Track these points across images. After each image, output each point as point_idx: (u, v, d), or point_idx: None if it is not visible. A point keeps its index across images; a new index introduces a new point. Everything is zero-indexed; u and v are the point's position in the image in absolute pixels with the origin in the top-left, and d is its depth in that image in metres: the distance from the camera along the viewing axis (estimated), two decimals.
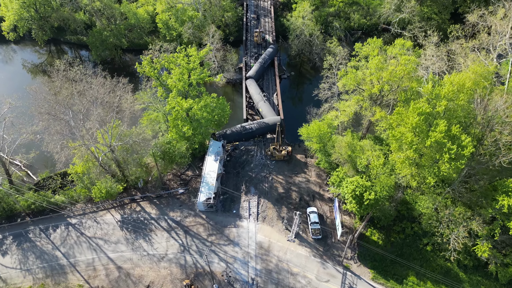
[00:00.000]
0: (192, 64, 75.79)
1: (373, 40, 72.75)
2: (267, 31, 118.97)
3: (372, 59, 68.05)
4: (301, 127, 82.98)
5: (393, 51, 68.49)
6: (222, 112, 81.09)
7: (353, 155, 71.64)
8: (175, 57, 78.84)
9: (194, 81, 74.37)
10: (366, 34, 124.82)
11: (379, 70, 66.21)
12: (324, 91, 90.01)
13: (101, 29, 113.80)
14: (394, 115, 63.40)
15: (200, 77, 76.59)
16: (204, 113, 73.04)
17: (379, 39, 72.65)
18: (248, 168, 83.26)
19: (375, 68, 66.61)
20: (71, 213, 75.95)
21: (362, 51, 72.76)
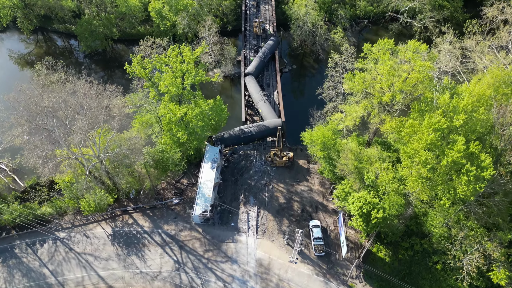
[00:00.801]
0: (185, 66, 69.61)
1: (383, 41, 66.32)
2: (268, 20, 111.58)
3: (383, 65, 61.90)
4: (304, 131, 77.80)
5: (406, 55, 62.18)
6: (219, 115, 75.67)
7: (360, 166, 66.64)
8: (167, 57, 72.59)
9: (188, 85, 68.32)
10: (373, 23, 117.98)
11: (390, 76, 60.21)
12: (329, 91, 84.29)
13: (90, 18, 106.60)
14: (407, 128, 57.92)
15: (195, 80, 70.67)
16: (199, 121, 67.47)
17: (390, 40, 66.16)
18: (247, 175, 78.35)
19: (386, 75, 60.59)
20: (59, 226, 71.53)
21: (372, 53, 66.44)
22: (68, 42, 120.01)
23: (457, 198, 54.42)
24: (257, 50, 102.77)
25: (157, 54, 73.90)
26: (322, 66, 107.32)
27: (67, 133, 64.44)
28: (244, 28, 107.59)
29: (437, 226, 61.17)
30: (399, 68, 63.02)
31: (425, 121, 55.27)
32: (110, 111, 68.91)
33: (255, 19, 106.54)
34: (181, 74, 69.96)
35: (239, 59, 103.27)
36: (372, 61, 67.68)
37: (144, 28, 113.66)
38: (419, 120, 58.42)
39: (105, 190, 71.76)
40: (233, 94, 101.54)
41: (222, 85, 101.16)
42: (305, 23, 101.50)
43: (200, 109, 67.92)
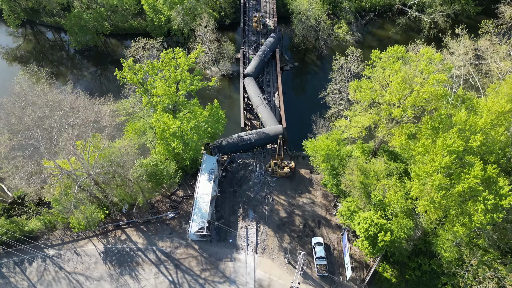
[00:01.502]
0: (179, 74, 64.65)
1: (394, 48, 61.12)
2: (268, 13, 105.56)
3: (394, 76, 56.94)
4: (306, 138, 73.62)
5: (419, 65, 57.11)
6: (216, 122, 71.14)
7: (366, 181, 62.63)
8: (161, 62, 67.56)
9: (182, 96, 63.45)
10: (379, 16, 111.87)
11: (401, 90, 55.40)
12: (332, 94, 79.54)
13: (79, 12, 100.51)
14: (419, 147, 53.61)
15: (190, 88, 65.89)
16: (194, 135, 62.99)
17: (401, 47, 60.92)
18: (246, 187, 74.37)
19: (396, 89, 55.73)
20: (48, 242, 67.99)
21: (381, 62, 61.36)
22: (59, 35, 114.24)
23: (472, 227, 50.58)
24: (257, 47, 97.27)
25: (149, 60, 68.56)
26: (325, 63, 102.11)
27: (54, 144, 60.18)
28: (243, 23, 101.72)
29: (448, 249, 57.53)
30: (410, 79, 58.18)
31: (439, 141, 50.92)
32: (99, 123, 64.18)
33: (255, 13, 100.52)
34: (175, 82, 65.01)
35: (237, 56, 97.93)
36: (380, 68, 62.69)
37: (138, 22, 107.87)
38: (432, 138, 54.08)
39: (96, 205, 67.98)
40: (232, 94, 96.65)
41: (220, 84, 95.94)
42: (307, 18, 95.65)
43: (196, 120, 63.23)
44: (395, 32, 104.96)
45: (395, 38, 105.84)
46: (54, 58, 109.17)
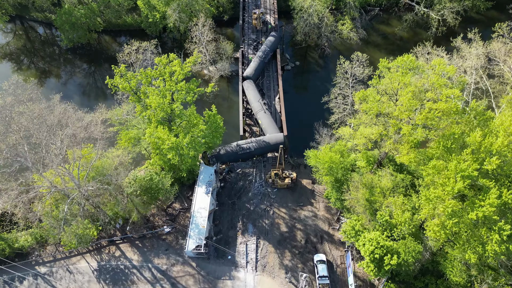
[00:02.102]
0: (174, 86, 60.69)
1: (403, 58, 56.91)
2: (268, 9, 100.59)
3: (404, 92, 53.03)
4: (308, 147, 70.50)
5: (431, 79, 53.05)
6: (214, 132, 67.62)
7: (372, 198, 59.52)
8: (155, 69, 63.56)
9: (177, 109, 59.56)
10: (385, 11, 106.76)
11: (411, 106, 51.62)
12: (336, 100, 75.90)
13: (70, 7, 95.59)
14: (429, 168, 50.19)
15: (186, 100, 62.08)
16: (191, 151, 59.47)
17: (411, 57, 56.73)
18: (246, 198, 71.32)
19: (406, 104, 51.91)
20: (40, 259, 65.27)
21: (390, 72, 57.29)
22: (50, 30, 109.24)
23: (485, 255, 47.66)
24: (257, 46, 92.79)
25: (142, 69, 64.43)
26: (328, 62, 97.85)
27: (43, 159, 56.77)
28: (242, 20, 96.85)
29: (457, 274, 54.73)
30: (420, 92, 54.34)
31: (452, 165, 47.50)
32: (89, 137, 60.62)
33: (255, 9, 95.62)
34: (170, 94, 61.09)
35: (236, 56, 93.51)
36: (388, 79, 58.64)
37: (132, 18, 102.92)
38: (443, 158, 50.63)
39: (89, 220, 64.91)
40: (230, 96, 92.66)
41: (219, 85, 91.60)
42: (310, 15, 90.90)
43: (192, 134, 59.57)
44: (401, 29, 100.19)
45: (401, 35, 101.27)
46: (46, 54, 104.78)
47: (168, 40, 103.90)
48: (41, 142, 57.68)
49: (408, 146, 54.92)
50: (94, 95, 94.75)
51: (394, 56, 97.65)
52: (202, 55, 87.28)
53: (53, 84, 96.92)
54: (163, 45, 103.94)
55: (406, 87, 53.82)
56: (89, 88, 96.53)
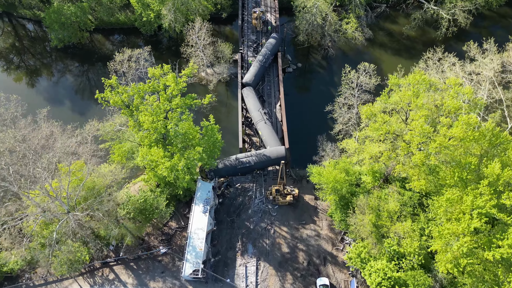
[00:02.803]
0: (168, 104, 56.55)
1: (415, 76, 52.50)
2: (269, 7, 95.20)
3: (416, 116, 48.91)
4: (311, 164, 66.86)
5: (447, 103, 48.74)
6: (212, 147, 63.80)
7: (379, 223, 56.28)
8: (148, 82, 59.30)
9: (172, 131, 55.45)
10: (392, 7, 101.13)
11: (424, 132, 47.69)
12: (341, 110, 71.98)
13: (59, 7, 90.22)
14: (444, 201, 46.68)
15: (182, 118, 58.08)
16: (187, 176, 55.74)
17: (424, 75, 52.24)
18: (245, 216, 68.11)
19: (419, 130, 47.94)
20: (30, 282, 62.49)
21: (400, 93, 53.01)
22: (41, 28, 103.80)
23: None
24: (257, 47, 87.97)
25: (134, 84, 60.14)
26: (332, 64, 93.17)
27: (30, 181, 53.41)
28: (241, 19, 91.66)
29: None
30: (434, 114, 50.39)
31: (468, 200, 44.03)
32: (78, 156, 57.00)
33: (254, 8, 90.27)
34: (164, 112, 56.99)
35: (235, 58, 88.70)
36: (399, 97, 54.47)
37: (125, 15, 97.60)
38: (458, 190, 47.03)
39: (81, 242, 61.80)
40: (229, 101, 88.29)
41: (217, 88, 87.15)
42: (313, 16, 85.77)
43: (187, 156, 55.72)
44: (409, 28, 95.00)
45: (409, 34, 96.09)
46: (36, 52, 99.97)
47: (164, 39, 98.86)
48: (28, 164, 54.24)
49: (419, 172, 51.21)
50: (86, 97, 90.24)
51: (401, 57, 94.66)
52: (200, 58, 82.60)
53: (42, 87, 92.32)
54: (159, 43, 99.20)
55: (418, 110, 49.78)
56: (81, 90, 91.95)
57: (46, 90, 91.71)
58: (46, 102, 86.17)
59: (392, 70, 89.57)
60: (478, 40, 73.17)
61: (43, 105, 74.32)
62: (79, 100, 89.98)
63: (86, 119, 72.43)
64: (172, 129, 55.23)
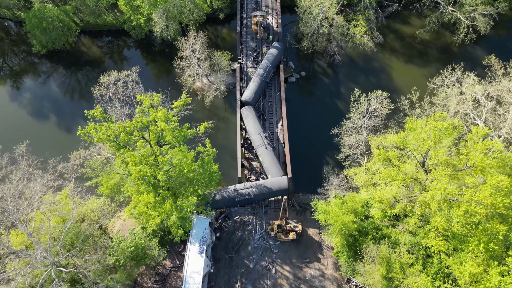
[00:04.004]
0: (158, 149, 50.53)
1: (435, 122, 46.02)
2: (270, 8, 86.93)
3: (438, 174, 43.06)
4: (316, 198, 62.42)
5: (473, 158, 42.84)
6: (209, 180, 58.41)
7: (390, 275, 51.85)
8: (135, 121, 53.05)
9: (162, 179, 49.58)
10: (404, 7, 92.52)
11: (447, 195, 42.11)
12: (348, 136, 66.22)
13: (41, 9, 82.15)
14: (466, 273, 41.82)
15: (174, 163, 52.27)
16: (179, 230, 50.58)
17: (446, 123, 45.87)
18: (245, 253, 63.62)
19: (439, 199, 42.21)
20: None
21: (419, 142, 46.78)
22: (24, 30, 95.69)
23: None
24: (257, 57, 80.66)
25: (119, 122, 53.83)
26: (338, 72, 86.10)
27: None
28: (240, 23, 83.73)
29: None
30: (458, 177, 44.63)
31: (494, 274, 39.16)
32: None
33: (254, 12, 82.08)
34: (153, 158, 51.10)
35: (234, 67, 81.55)
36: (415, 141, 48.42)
37: (113, 16, 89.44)
38: (483, 260, 42.08)
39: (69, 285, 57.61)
40: (227, 115, 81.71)
41: (214, 102, 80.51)
42: (319, 23, 77.96)
43: (180, 209, 50.38)
44: (423, 32, 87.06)
45: (423, 37, 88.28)
46: (17, 56, 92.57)
47: (156, 40, 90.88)
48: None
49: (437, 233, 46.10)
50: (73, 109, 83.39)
51: (414, 64, 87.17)
52: (195, 70, 75.57)
53: (26, 100, 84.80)
54: (151, 45, 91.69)
55: (440, 170, 43.93)
56: (67, 101, 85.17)
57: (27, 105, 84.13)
58: (24, 127, 79.15)
59: (404, 80, 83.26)
60: (499, 48, 66.50)
61: (21, 129, 68.30)
62: (63, 121, 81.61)
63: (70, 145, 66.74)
64: (163, 178, 49.36)
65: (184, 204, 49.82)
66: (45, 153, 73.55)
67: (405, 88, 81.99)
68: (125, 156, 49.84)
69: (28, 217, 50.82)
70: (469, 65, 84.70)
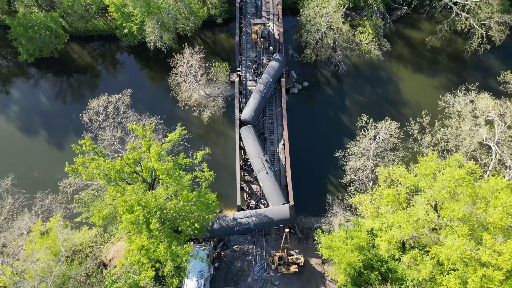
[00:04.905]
0: (152, 201, 46.91)
1: (451, 171, 42.34)
2: (271, 14, 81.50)
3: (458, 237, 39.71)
4: (320, 230, 59.78)
5: (492, 218, 39.29)
6: (206, 210, 55.39)
7: None
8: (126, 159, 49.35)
9: (154, 228, 46.31)
10: (414, 10, 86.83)
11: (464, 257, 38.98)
12: (353, 155, 62.90)
13: (26, 15, 76.90)
14: None
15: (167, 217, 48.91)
16: (175, 279, 47.68)
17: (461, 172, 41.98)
18: (244, 286, 61.09)
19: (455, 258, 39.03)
20: None
21: (433, 192, 43.19)
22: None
23: None
24: (257, 68, 75.98)
25: (109, 160, 50.00)
26: (343, 82, 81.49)
27: None
28: (239, 30, 78.58)
29: None
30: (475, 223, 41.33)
31: None
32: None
33: (255, 20, 76.73)
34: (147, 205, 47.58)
35: (232, 78, 76.96)
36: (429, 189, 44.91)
37: (104, 21, 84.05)
38: None
39: None
40: (225, 129, 77.34)
41: (212, 115, 76.19)
42: (323, 34, 72.93)
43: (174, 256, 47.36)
44: (434, 38, 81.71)
45: (433, 44, 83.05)
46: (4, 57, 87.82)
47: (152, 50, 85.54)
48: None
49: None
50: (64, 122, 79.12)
51: (423, 74, 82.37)
52: (192, 87, 71.20)
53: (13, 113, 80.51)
54: (145, 51, 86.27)
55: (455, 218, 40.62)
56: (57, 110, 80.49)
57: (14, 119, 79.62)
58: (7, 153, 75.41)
59: (412, 91, 78.80)
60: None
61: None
62: (53, 135, 77.12)
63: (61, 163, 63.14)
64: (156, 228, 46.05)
65: (179, 252, 46.70)
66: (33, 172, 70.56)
67: (413, 101, 78.18)
68: (116, 202, 46.39)
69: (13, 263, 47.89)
70: (481, 75, 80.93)
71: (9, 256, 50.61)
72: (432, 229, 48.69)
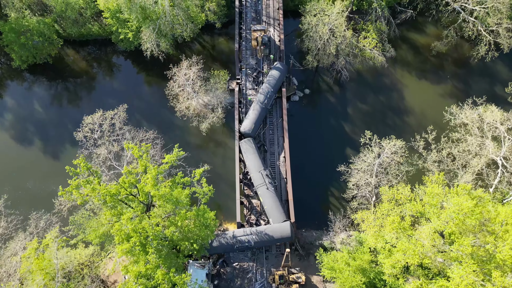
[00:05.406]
0: (149, 227, 45.28)
1: (459, 201, 40.66)
2: (272, 19, 78.81)
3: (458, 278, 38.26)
4: (321, 252, 58.48)
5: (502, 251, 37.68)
6: (204, 230, 54.02)
7: None
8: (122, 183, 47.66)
9: (151, 260, 44.85)
10: (420, 13, 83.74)
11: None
12: (355, 170, 61.34)
13: (18, 21, 74.35)
14: None
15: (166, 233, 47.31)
16: None
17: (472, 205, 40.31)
18: None
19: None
20: None
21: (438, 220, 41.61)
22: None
23: None
24: (257, 76, 73.77)
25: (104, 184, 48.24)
26: (345, 89, 79.32)
27: None
28: (239, 36, 76.08)
29: None
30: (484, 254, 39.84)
31: None
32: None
33: (254, 26, 74.07)
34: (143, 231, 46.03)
35: (232, 86, 74.73)
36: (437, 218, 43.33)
37: (99, 25, 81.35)
38: None
39: None
40: (224, 139, 75.40)
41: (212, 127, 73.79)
42: (326, 42, 70.48)
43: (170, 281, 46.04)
44: (440, 45, 79.16)
45: (439, 50, 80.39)
46: None
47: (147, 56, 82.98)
48: None
49: None
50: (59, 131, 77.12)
51: (428, 81, 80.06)
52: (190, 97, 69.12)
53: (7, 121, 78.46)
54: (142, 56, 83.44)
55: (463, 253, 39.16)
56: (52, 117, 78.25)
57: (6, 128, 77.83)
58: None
59: (417, 99, 76.66)
60: None
61: None
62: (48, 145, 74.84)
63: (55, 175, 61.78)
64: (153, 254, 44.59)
65: (177, 281, 45.33)
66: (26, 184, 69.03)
67: (418, 109, 76.22)
68: (112, 232, 44.87)
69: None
70: (488, 82, 78.70)
71: (3, 280, 49.31)
72: (439, 252, 47.39)
